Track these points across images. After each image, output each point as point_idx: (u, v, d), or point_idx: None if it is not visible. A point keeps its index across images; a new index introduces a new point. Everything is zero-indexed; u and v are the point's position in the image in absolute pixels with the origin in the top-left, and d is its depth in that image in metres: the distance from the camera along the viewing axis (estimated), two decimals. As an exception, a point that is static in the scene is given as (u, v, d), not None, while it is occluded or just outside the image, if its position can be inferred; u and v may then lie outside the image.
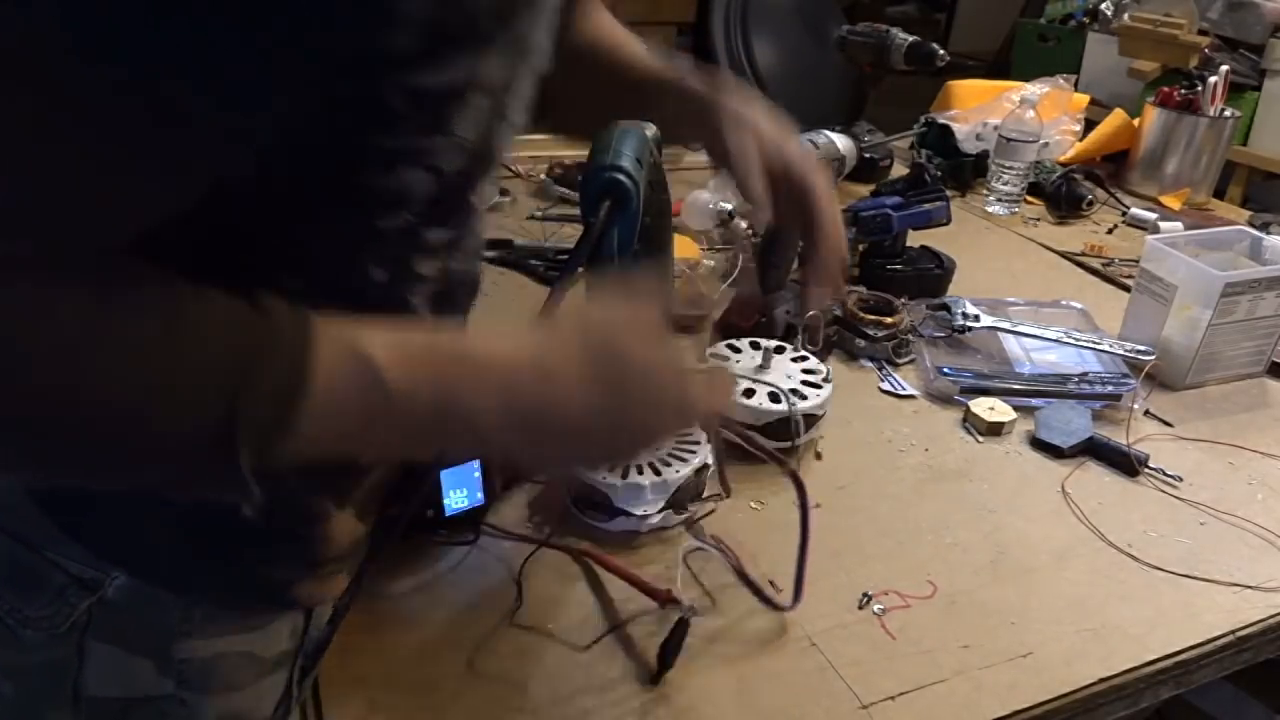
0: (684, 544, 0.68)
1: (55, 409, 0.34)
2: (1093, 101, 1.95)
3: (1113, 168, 1.70)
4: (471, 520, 0.71)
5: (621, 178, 0.53)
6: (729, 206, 1.28)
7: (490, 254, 1.21)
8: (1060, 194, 1.51)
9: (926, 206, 1.17)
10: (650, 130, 0.59)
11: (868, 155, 1.51)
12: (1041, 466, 0.86)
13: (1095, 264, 1.32)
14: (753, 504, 0.77)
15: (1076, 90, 1.74)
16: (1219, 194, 1.75)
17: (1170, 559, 0.75)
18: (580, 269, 0.54)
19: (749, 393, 0.82)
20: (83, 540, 0.46)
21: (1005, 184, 1.50)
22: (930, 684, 0.61)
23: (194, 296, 0.35)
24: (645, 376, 0.43)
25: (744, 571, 0.66)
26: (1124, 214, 1.53)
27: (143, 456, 0.36)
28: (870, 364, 1.01)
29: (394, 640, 0.62)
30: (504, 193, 1.38)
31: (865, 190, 1.45)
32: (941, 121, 1.62)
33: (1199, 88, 1.58)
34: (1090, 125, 1.74)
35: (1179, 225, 1.45)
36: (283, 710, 0.54)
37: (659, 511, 0.71)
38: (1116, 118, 1.71)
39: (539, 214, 1.35)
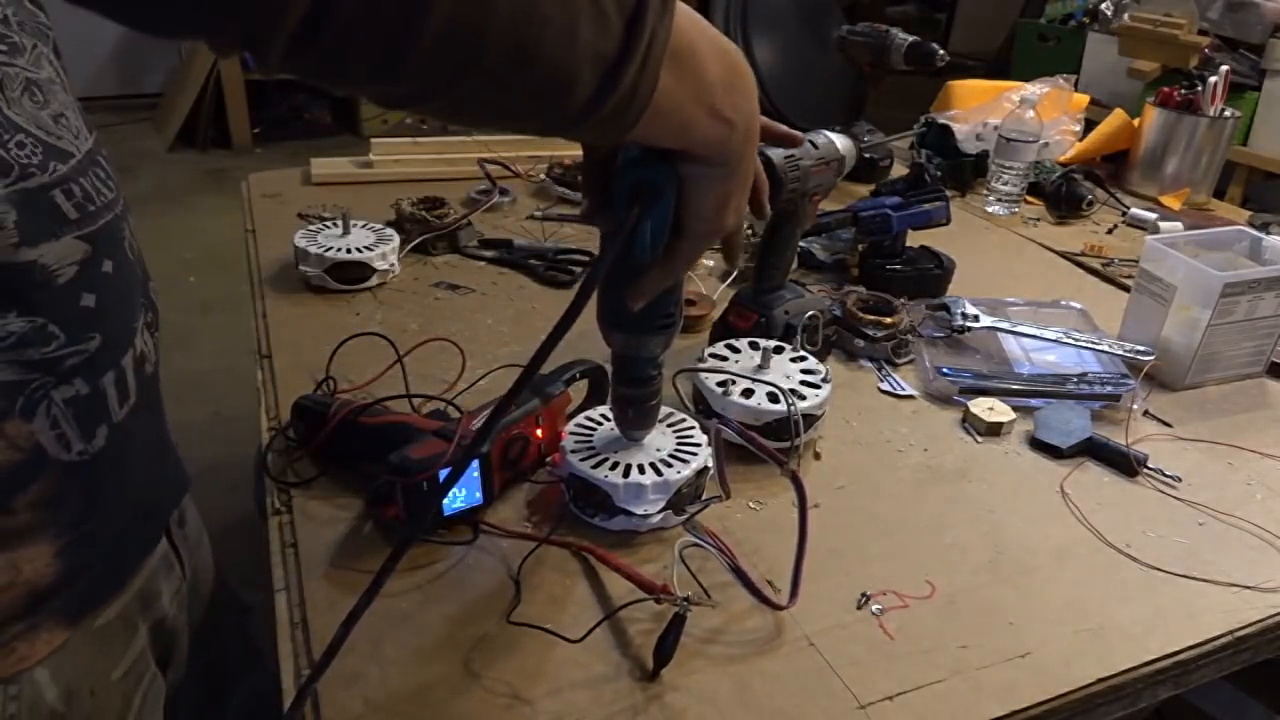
0: (681, 540, 0.68)
1: None
2: (1093, 101, 1.96)
3: (1113, 168, 1.70)
4: (470, 519, 0.71)
5: (660, 177, 0.53)
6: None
7: (490, 254, 1.21)
8: (1060, 194, 1.51)
9: (926, 206, 1.17)
10: None
11: (868, 155, 1.51)
12: (1040, 467, 0.86)
13: (1095, 264, 1.32)
14: (751, 504, 0.77)
15: (1076, 90, 1.74)
16: (1219, 194, 1.75)
17: (1169, 559, 0.75)
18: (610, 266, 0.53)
19: (748, 393, 0.82)
20: None
21: (1005, 184, 1.50)
22: (929, 684, 0.61)
23: None
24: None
25: (740, 569, 0.66)
26: (1124, 214, 1.53)
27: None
28: (869, 364, 1.01)
29: (391, 639, 0.62)
30: (504, 193, 1.38)
31: (865, 190, 1.46)
32: (941, 121, 1.62)
33: (1199, 88, 1.58)
34: (1090, 125, 1.75)
35: (1179, 225, 1.45)
36: None
37: (659, 512, 0.71)
38: (1116, 118, 1.71)
39: (539, 214, 1.36)
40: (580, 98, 0.41)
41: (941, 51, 1.45)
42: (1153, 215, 1.50)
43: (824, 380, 0.84)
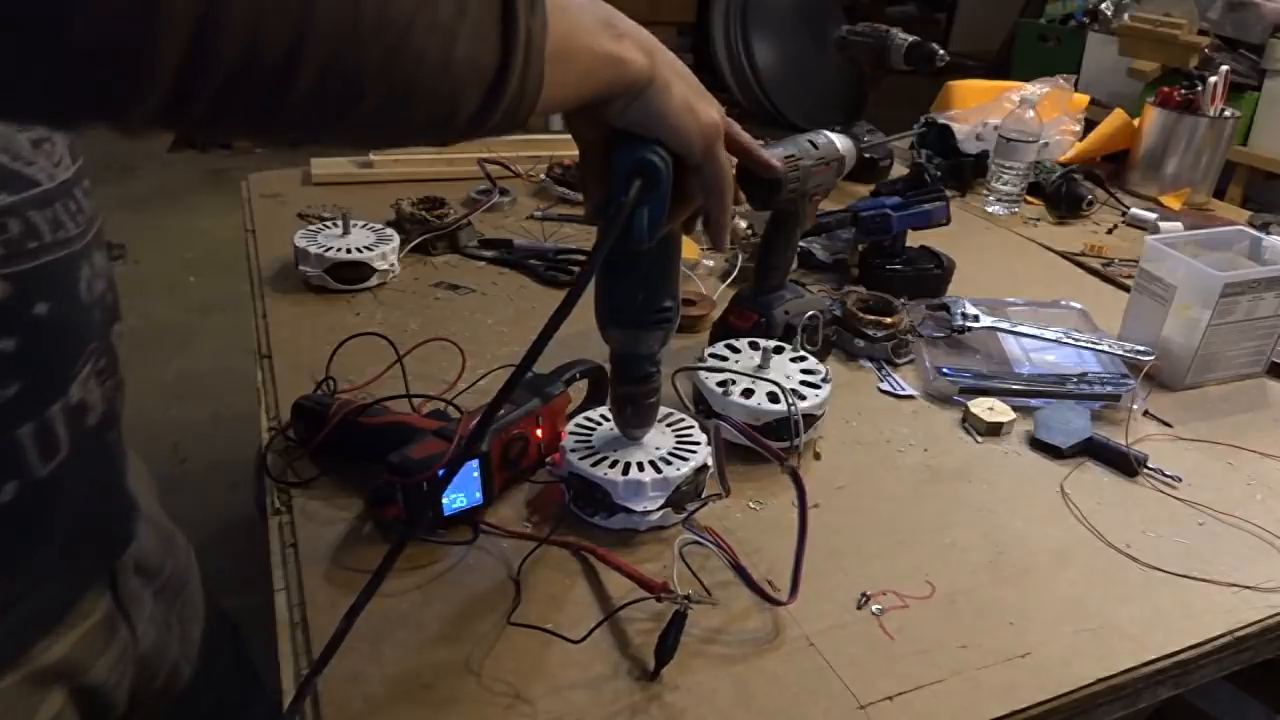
0: (681, 538, 0.68)
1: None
2: (1093, 101, 1.96)
3: (1113, 168, 1.70)
4: (470, 519, 0.71)
5: (653, 156, 0.53)
6: (729, 206, 1.28)
7: (490, 254, 1.21)
8: (1060, 194, 1.51)
9: (926, 206, 1.17)
10: None
11: (868, 155, 1.51)
12: (1040, 467, 0.86)
13: (1095, 264, 1.32)
14: (750, 504, 0.77)
15: (1076, 90, 1.74)
16: (1219, 194, 1.75)
17: (1169, 559, 0.75)
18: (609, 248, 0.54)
19: (748, 393, 0.82)
20: None
21: (1005, 184, 1.50)
22: (928, 684, 0.61)
23: None
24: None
25: (740, 565, 0.66)
26: (1124, 214, 1.53)
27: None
28: (869, 364, 1.01)
29: (391, 639, 0.62)
30: (504, 193, 1.38)
31: (865, 190, 1.46)
32: (941, 121, 1.62)
33: (1199, 88, 1.58)
34: (1090, 125, 1.75)
35: (1179, 225, 1.45)
36: None
37: (659, 509, 0.71)
38: (1116, 118, 1.72)
39: (539, 214, 1.36)
40: (465, 115, 0.41)
41: (941, 51, 1.45)
42: (1153, 215, 1.50)
43: (824, 380, 0.84)
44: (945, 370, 0.96)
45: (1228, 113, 1.59)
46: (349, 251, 1.08)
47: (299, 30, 0.33)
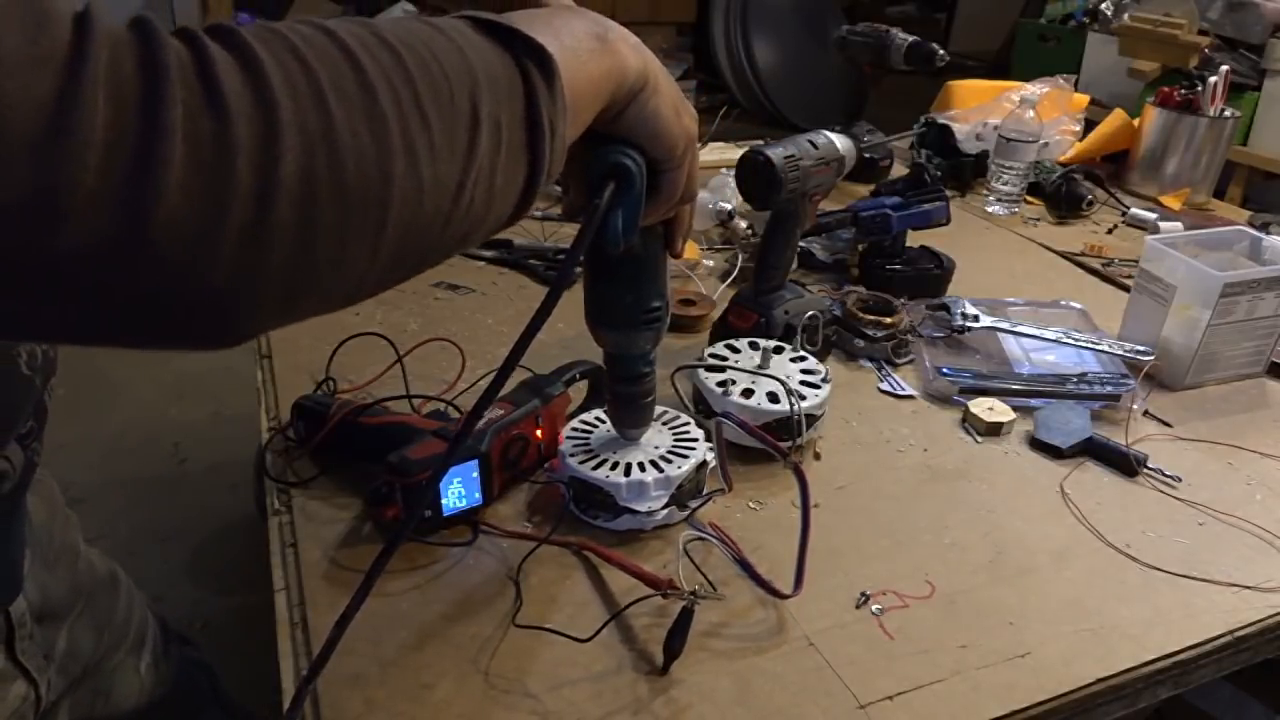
0: (684, 534, 0.68)
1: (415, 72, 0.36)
2: (1093, 101, 1.96)
3: (1113, 168, 1.70)
4: (470, 520, 0.71)
5: (625, 160, 0.53)
6: (729, 206, 1.28)
7: (490, 254, 1.21)
8: (1060, 194, 1.51)
9: (926, 206, 1.17)
10: None
11: (868, 155, 1.51)
12: (1040, 467, 0.86)
13: (1095, 264, 1.32)
14: (751, 504, 0.78)
15: (1076, 90, 1.74)
16: (1219, 194, 1.75)
17: (1169, 559, 0.75)
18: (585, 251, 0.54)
19: (748, 393, 0.82)
20: None
21: (1005, 184, 1.50)
22: (928, 684, 0.62)
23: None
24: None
25: (745, 559, 0.66)
26: (1124, 214, 1.53)
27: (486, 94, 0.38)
28: (869, 364, 1.01)
29: (391, 639, 0.62)
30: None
31: (865, 190, 1.46)
32: (941, 121, 1.62)
33: (1199, 88, 1.58)
34: (1090, 125, 1.75)
35: (1179, 225, 1.45)
36: None
37: (664, 508, 0.71)
38: (1116, 118, 1.71)
39: (538, 214, 1.35)
40: (505, 224, 0.44)
41: (941, 51, 1.45)
42: (1153, 215, 1.49)
43: (824, 380, 0.84)
44: (945, 370, 0.96)
45: (1228, 113, 1.59)
46: (349, 251, 1.07)
47: (376, 242, 0.35)
